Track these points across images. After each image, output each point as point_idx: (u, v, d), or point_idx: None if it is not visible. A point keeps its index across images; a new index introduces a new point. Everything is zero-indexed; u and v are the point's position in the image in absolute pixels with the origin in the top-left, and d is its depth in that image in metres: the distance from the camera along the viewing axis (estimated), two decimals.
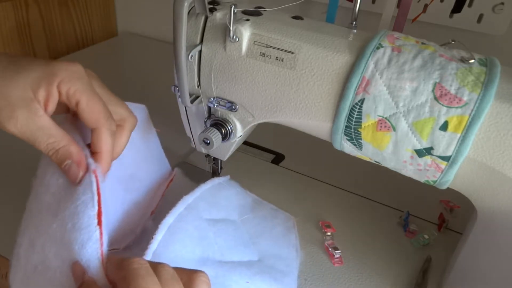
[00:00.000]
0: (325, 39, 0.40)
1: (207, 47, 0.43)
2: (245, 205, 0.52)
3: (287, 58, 0.40)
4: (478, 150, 0.35)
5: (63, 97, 0.32)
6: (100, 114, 0.33)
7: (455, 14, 0.68)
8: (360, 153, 0.40)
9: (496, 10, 0.66)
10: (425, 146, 0.36)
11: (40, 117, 0.31)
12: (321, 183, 0.63)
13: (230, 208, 0.50)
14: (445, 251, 0.52)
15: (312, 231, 0.54)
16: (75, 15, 0.99)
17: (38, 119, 0.31)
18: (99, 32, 1.08)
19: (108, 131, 0.34)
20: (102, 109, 0.33)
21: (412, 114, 0.35)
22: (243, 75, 0.43)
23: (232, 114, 0.47)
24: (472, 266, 0.43)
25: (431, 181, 0.38)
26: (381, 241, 0.53)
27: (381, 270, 0.49)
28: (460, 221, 0.57)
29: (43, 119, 0.31)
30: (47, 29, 0.94)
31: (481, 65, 0.35)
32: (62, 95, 0.32)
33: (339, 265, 0.49)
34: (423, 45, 0.38)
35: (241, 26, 0.41)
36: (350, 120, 0.38)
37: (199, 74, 0.45)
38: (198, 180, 0.60)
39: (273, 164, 0.66)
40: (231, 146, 0.51)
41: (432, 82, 0.35)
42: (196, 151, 0.62)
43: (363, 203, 0.59)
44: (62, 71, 0.32)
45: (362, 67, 0.37)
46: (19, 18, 0.87)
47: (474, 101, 0.33)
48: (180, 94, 0.44)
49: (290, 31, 0.41)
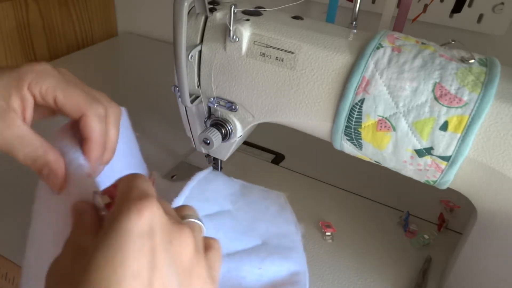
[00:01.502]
0: (325, 39, 0.40)
1: (207, 47, 0.43)
2: (234, 193, 0.52)
3: (287, 58, 0.40)
4: (478, 150, 0.35)
5: (38, 98, 0.31)
6: (80, 100, 0.31)
7: (455, 14, 0.68)
8: (360, 153, 0.40)
9: (496, 10, 0.66)
10: (425, 146, 0.36)
11: (17, 127, 0.30)
12: (321, 183, 0.62)
13: (221, 199, 0.50)
14: (445, 251, 0.52)
15: (312, 231, 0.54)
16: (75, 15, 0.99)
17: (16, 129, 0.30)
18: (99, 32, 1.08)
19: (94, 116, 0.32)
20: (81, 96, 0.32)
21: (412, 114, 0.35)
22: (243, 75, 0.43)
23: (232, 114, 0.47)
24: (472, 266, 0.42)
25: (431, 181, 0.38)
26: (381, 241, 0.53)
27: (381, 270, 0.49)
28: (460, 221, 0.57)
29: (20, 128, 0.30)
30: (47, 29, 0.94)
31: (481, 65, 0.35)
32: (37, 97, 0.31)
33: (339, 263, 0.49)
34: (423, 45, 0.38)
35: (241, 26, 0.41)
36: (350, 120, 0.38)
37: (199, 74, 0.45)
38: None
39: (273, 164, 0.66)
40: (231, 146, 0.51)
41: (432, 82, 0.35)
42: (196, 151, 0.62)
43: (363, 203, 0.59)
44: (28, 73, 0.30)
45: (362, 67, 0.37)
46: (19, 18, 0.87)
47: (474, 101, 0.33)
48: (180, 94, 0.44)
49: (290, 31, 0.41)
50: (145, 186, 0.24)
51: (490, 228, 0.39)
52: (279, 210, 0.52)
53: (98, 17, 1.06)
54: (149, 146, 0.67)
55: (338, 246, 0.52)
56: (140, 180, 0.25)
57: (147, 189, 0.24)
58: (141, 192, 0.23)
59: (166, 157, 0.65)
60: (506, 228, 0.37)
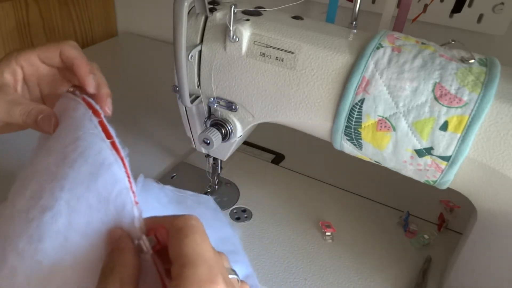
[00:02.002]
0: (325, 39, 0.40)
1: (207, 47, 0.43)
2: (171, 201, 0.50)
3: (287, 58, 0.40)
4: (478, 150, 0.35)
5: (25, 68, 0.36)
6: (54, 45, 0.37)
7: (455, 14, 0.68)
8: (360, 153, 0.40)
9: (496, 10, 0.66)
10: (425, 146, 0.36)
11: (11, 95, 0.35)
12: (321, 183, 0.62)
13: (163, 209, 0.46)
14: (445, 251, 0.52)
15: (312, 231, 0.54)
16: (75, 15, 0.99)
17: (9, 96, 0.35)
18: (99, 32, 1.08)
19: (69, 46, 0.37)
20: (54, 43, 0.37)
21: (412, 114, 0.35)
22: (243, 75, 0.43)
23: (232, 114, 0.47)
24: (472, 266, 0.43)
25: (431, 181, 0.38)
26: (381, 241, 0.53)
27: (381, 270, 0.49)
28: (460, 221, 0.57)
29: (13, 95, 0.35)
30: (47, 29, 0.94)
31: (481, 65, 0.35)
32: (24, 66, 0.36)
33: (339, 263, 0.49)
34: (423, 45, 0.38)
35: (241, 26, 0.41)
36: (350, 120, 0.38)
37: (199, 74, 0.45)
38: (198, 180, 0.60)
39: (273, 164, 0.66)
40: (231, 146, 0.51)
41: (432, 82, 0.35)
42: (196, 151, 0.62)
43: (363, 203, 0.59)
44: (13, 52, 0.37)
45: (362, 67, 0.37)
46: (19, 18, 0.87)
47: (474, 101, 0.33)
48: (180, 94, 0.44)
49: (290, 31, 0.41)
50: (207, 251, 0.24)
51: (490, 228, 0.39)
52: (213, 214, 0.51)
53: (98, 17, 1.06)
54: (149, 146, 0.68)
55: (338, 246, 0.52)
56: (203, 243, 0.24)
57: (213, 259, 0.24)
58: (210, 271, 0.23)
59: (166, 157, 0.65)
60: (506, 228, 0.37)
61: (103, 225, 0.26)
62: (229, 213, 0.56)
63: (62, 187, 0.27)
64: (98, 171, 0.27)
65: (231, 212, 0.56)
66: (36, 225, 0.26)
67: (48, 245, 0.26)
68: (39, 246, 0.25)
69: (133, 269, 0.24)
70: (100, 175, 0.27)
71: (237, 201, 0.58)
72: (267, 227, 0.54)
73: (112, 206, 0.27)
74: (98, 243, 0.26)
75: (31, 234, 0.26)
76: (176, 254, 0.24)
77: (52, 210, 0.26)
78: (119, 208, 0.27)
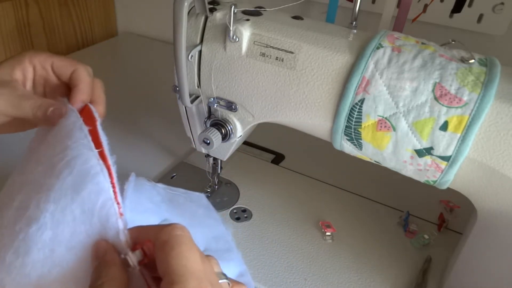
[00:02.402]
0: (325, 39, 0.40)
1: (207, 47, 0.43)
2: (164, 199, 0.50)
3: (287, 58, 0.40)
4: (478, 150, 0.35)
5: (37, 68, 0.38)
6: (72, 61, 0.38)
7: (455, 14, 0.68)
8: (360, 153, 0.40)
9: (496, 10, 0.66)
10: (425, 146, 0.36)
11: (20, 90, 0.36)
12: (321, 183, 0.62)
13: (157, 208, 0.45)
14: (445, 251, 0.52)
15: (312, 231, 0.54)
16: (75, 15, 0.99)
17: (18, 91, 0.36)
18: (99, 32, 1.08)
19: (84, 69, 0.38)
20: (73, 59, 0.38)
21: (412, 114, 0.35)
22: (243, 75, 0.43)
23: (232, 114, 0.47)
24: (472, 266, 0.43)
25: (431, 181, 0.38)
26: (381, 241, 0.53)
27: (381, 270, 0.49)
28: (460, 221, 0.57)
29: (22, 91, 0.36)
30: (47, 29, 0.94)
31: (481, 65, 0.35)
32: (36, 66, 0.37)
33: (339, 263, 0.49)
34: (423, 45, 0.38)
35: (241, 26, 0.41)
36: (350, 120, 0.38)
37: (199, 74, 0.45)
38: (198, 180, 0.60)
39: (273, 164, 0.66)
40: (231, 146, 0.51)
41: (432, 82, 0.35)
42: (196, 151, 0.62)
43: (363, 203, 0.59)
44: (29, 51, 0.38)
45: (362, 67, 0.37)
46: (19, 18, 0.87)
47: (474, 101, 0.33)
48: (180, 94, 0.44)
49: (290, 31, 0.41)
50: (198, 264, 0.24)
51: (490, 228, 0.39)
52: (205, 212, 0.50)
53: (98, 17, 1.06)
54: (149, 146, 0.68)
55: (338, 246, 0.52)
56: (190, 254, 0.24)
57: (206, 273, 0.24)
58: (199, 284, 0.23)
59: (166, 157, 0.65)
60: (506, 228, 0.37)
61: (88, 237, 0.26)
62: (229, 213, 0.56)
63: (47, 198, 0.27)
64: (83, 182, 0.27)
65: (231, 212, 0.56)
66: (22, 238, 0.26)
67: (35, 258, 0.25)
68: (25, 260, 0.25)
69: (121, 283, 0.24)
70: (85, 186, 0.27)
71: (237, 201, 0.58)
72: (267, 227, 0.54)
73: (97, 218, 0.26)
74: (84, 255, 0.26)
75: (18, 246, 0.26)
76: (163, 269, 0.23)
77: (38, 222, 0.26)
78: (103, 220, 0.26)
